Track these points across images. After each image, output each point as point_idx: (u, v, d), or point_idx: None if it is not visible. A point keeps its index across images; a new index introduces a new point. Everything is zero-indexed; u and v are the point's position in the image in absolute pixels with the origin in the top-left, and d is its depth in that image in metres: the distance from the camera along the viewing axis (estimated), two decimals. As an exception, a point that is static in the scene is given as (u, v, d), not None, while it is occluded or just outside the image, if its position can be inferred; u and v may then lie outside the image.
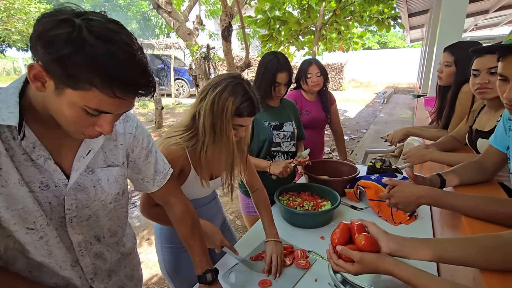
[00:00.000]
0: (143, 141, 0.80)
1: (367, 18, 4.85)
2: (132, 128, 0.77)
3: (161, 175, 0.86)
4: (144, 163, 0.81)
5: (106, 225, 0.78)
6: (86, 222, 0.72)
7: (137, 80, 0.53)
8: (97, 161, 0.71)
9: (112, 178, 0.74)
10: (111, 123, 0.59)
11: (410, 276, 0.56)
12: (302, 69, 1.93)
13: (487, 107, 1.23)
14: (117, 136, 0.75)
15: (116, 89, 0.52)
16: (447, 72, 1.56)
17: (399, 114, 8.19)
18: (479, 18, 7.83)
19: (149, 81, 0.56)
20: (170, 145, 0.97)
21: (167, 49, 11.37)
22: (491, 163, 1.01)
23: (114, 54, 0.50)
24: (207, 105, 0.94)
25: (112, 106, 0.55)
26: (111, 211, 0.77)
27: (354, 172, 1.62)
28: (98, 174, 0.71)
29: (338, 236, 0.68)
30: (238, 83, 0.95)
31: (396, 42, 21.81)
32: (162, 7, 4.75)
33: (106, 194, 0.72)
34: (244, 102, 0.94)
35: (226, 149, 0.99)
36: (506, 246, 0.58)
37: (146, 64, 0.55)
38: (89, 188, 0.69)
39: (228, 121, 0.94)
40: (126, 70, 0.51)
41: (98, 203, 0.72)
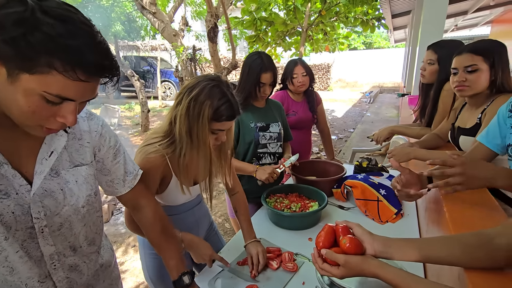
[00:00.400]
0: (110, 140, 0.76)
1: (352, 19, 4.92)
2: (97, 126, 0.73)
3: (131, 176, 0.82)
4: (112, 163, 0.78)
5: (82, 233, 0.73)
6: (59, 232, 0.67)
7: (101, 61, 0.50)
8: (62, 162, 0.66)
9: (81, 178, 0.69)
10: (74, 112, 0.54)
11: (395, 278, 0.55)
12: (288, 70, 1.92)
13: (468, 105, 1.25)
14: (82, 134, 0.71)
15: (79, 71, 0.48)
16: (430, 70, 1.58)
17: (385, 113, 8.34)
18: (459, 18, 8.08)
19: (113, 64, 0.53)
20: (149, 153, 0.92)
21: (153, 51, 11.21)
22: None
23: (74, 33, 0.47)
24: (182, 109, 0.89)
25: (76, 92, 0.51)
26: (85, 216, 0.72)
27: (341, 171, 1.62)
28: (64, 176, 0.66)
29: (323, 239, 0.67)
30: (215, 86, 0.90)
31: (381, 42, 22.27)
32: (147, 8, 4.67)
33: (76, 197, 0.68)
34: (222, 105, 0.88)
35: (203, 155, 0.94)
36: (490, 243, 0.58)
37: (108, 47, 0.52)
38: (56, 192, 0.64)
39: (205, 126, 0.89)
40: (89, 50, 0.48)
41: (69, 208, 0.67)
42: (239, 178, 1.58)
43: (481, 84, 1.12)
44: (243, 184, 1.57)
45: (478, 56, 1.10)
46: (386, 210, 1.36)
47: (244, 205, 1.21)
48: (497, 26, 8.89)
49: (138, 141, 5.87)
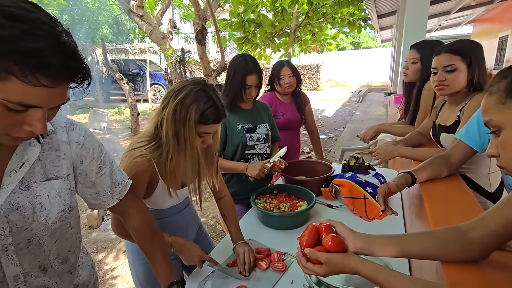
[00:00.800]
0: (94, 151, 0.72)
1: (339, 19, 4.99)
2: (79, 136, 0.69)
3: (120, 187, 0.79)
4: (97, 175, 0.73)
5: (53, 250, 0.67)
6: (27, 250, 0.61)
7: (66, 63, 0.46)
8: (34, 174, 0.61)
9: (54, 192, 0.64)
10: (42, 119, 0.49)
11: (374, 274, 0.56)
12: (275, 71, 1.95)
13: (447, 103, 1.29)
14: (59, 145, 0.66)
15: (40, 75, 0.44)
16: (413, 69, 1.62)
17: (374, 111, 8.47)
18: (443, 18, 8.29)
19: (81, 65, 0.48)
20: (135, 158, 0.92)
21: (142, 53, 11.08)
22: (457, 157, 1.05)
23: (32, 34, 0.43)
24: (169, 113, 0.90)
25: (40, 98, 0.46)
26: (56, 232, 0.66)
27: (330, 171, 1.65)
28: (35, 189, 0.61)
29: (307, 239, 0.68)
30: (201, 89, 0.91)
31: (368, 42, 22.62)
32: (134, 11, 4.63)
33: (47, 212, 0.63)
34: (208, 109, 0.90)
35: (191, 158, 0.95)
36: (464, 237, 0.60)
37: (75, 48, 0.48)
38: (24, 207, 0.59)
39: (192, 129, 0.90)
40: (51, 52, 0.44)
41: (38, 223, 0.62)
42: (228, 180, 1.60)
43: (460, 83, 1.16)
44: (232, 185, 1.59)
45: (456, 56, 1.14)
46: (372, 207, 1.39)
47: (232, 209, 1.22)
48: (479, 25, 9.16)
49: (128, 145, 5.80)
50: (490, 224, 0.58)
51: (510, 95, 0.49)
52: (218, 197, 1.23)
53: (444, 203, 0.89)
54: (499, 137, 0.51)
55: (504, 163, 0.51)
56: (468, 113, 1.11)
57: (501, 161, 0.51)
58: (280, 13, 4.78)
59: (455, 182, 1.04)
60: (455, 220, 0.77)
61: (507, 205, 0.58)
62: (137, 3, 4.49)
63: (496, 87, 0.52)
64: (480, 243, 0.58)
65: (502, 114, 0.50)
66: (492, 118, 0.52)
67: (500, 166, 0.52)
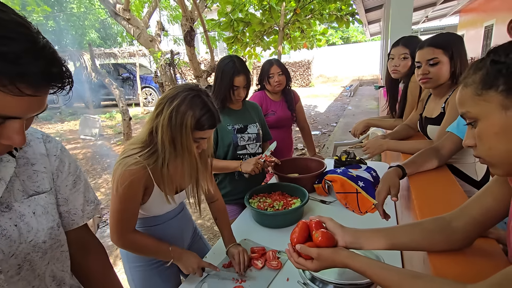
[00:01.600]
0: (70, 165, 0.68)
1: (327, 15, 5.01)
2: (56, 149, 0.65)
3: (93, 205, 0.74)
4: (71, 191, 0.68)
5: (47, 272, 0.62)
6: (19, 276, 0.56)
7: (48, 68, 0.42)
8: (13, 192, 0.56)
9: (40, 209, 0.59)
10: (21, 131, 0.46)
11: (364, 267, 0.58)
12: (264, 70, 1.95)
13: (432, 95, 1.32)
14: (37, 158, 0.61)
15: (21, 84, 0.40)
16: (405, 65, 1.62)
17: (365, 105, 8.55)
18: (429, 10, 8.39)
19: (62, 70, 0.45)
20: (130, 165, 0.91)
21: (131, 57, 10.99)
22: (448, 149, 1.07)
23: (7, 38, 0.39)
24: (164, 120, 0.90)
25: (20, 108, 0.43)
26: (47, 252, 0.61)
27: (322, 167, 1.66)
28: (18, 209, 0.56)
29: (297, 235, 0.69)
30: (196, 96, 0.92)
31: (357, 36, 22.76)
32: (120, 14, 4.58)
33: (35, 231, 0.57)
34: (204, 115, 0.91)
35: (189, 163, 0.96)
36: (448, 227, 0.62)
37: (54, 51, 0.44)
38: (8, 229, 0.54)
39: (189, 135, 0.91)
40: (30, 58, 0.40)
41: (26, 245, 0.56)
42: (221, 180, 1.60)
43: (443, 75, 1.18)
44: (225, 186, 1.60)
45: (438, 50, 1.16)
46: (365, 201, 1.41)
47: (224, 212, 1.24)
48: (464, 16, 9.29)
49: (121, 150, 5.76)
50: (472, 212, 0.60)
51: (486, 86, 0.50)
52: (210, 200, 1.24)
53: (430, 194, 0.91)
54: (475, 128, 0.53)
55: (481, 153, 0.52)
56: (453, 105, 1.14)
57: (478, 151, 0.53)
58: (268, 11, 4.78)
59: (441, 173, 1.06)
60: (441, 211, 0.79)
61: (486, 194, 0.60)
62: (123, 6, 4.45)
63: (471, 79, 0.52)
64: (463, 232, 0.60)
65: (478, 106, 0.51)
66: (468, 110, 0.53)
67: (476, 156, 0.53)
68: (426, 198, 0.88)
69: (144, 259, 1.11)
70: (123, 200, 0.92)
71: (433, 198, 0.88)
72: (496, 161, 0.51)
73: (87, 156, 5.51)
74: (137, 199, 0.96)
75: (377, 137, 1.51)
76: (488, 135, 0.50)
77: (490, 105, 0.49)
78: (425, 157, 1.08)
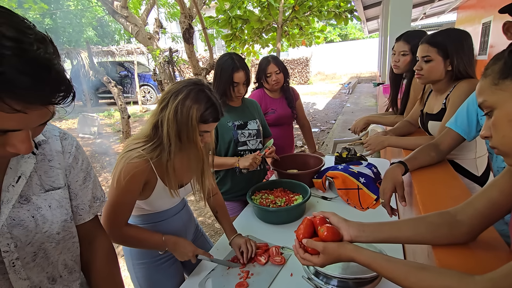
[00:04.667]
0: (83, 162, 0.71)
1: (325, 12, 5.00)
2: (71, 147, 0.69)
3: (99, 202, 0.77)
4: (81, 187, 0.71)
5: (60, 261, 0.67)
6: (34, 263, 0.60)
7: (37, 86, 0.41)
8: (32, 187, 0.60)
9: (55, 203, 0.63)
10: (25, 140, 0.46)
11: (369, 260, 0.59)
12: (261, 68, 1.94)
13: (433, 91, 1.32)
14: (53, 155, 0.64)
15: (11, 101, 0.39)
16: (404, 61, 1.63)
17: (364, 102, 8.56)
18: (427, 7, 8.38)
19: (58, 83, 0.43)
20: (132, 159, 0.92)
21: (129, 55, 10.91)
22: (447, 145, 1.08)
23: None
24: (170, 114, 0.92)
25: (17, 122, 0.43)
26: (60, 243, 0.66)
27: (320, 163, 1.68)
28: (35, 202, 0.60)
29: (303, 232, 0.70)
30: (200, 90, 0.94)
31: (355, 33, 22.74)
32: (118, 12, 4.55)
33: (50, 223, 0.62)
34: (208, 108, 0.93)
35: (195, 155, 0.98)
36: (453, 220, 0.63)
37: (48, 62, 0.42)
38: (26, 220, 0.58)
39: (195, 128, 0.93)
40: (16, 74, 0.39)
41: (41, 235, 0.61)
42: (222, 177, 1.61)
43: (435, 73, 1.19)
44: (227, 182, 1.60)
45: (433, 48, 1.17)
46: (366, 197, 1.42)
47: (223, 205, 1.26)
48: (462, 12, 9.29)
49: (120, 148, 5.74)
50: (477, 206, 0.60)
51: (503, 76, 0.51)
52: (209, 195, 1.24)
53: (433, 189, 0.92)
54: (491, 118, 0.53)
55: (496, 143, 0.53)
56: (453, 100, 1.14)
57: (493, 141, 0.53)
58: (267, 8, 4.77)
59: (443, 168, 1.07)
60: (444, 205, 0.80)
61: (492, 188, 0.60)
62: (121, 3, 4.42)
63: (490, 69, 0.53)
64: (468, 225, 0.61)
65: (494, 95, 0.52)
66: (485, 99, 0.53)
67: (492, 147, 0.54)
68: (429, 193, 0.89)
69: (148, 256, 1.11)
70: (122, 193, 0.92)
71: (435, 193, 0.89)
72: (509, 150, 0.51)
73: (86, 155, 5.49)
74: (135, 193, 0.97)
75: (378, 133, 1.51)
76: (502, 123, 0.51)
77: (505, 93, 0.50)
78: (425, 153, 1.09)
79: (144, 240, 1.02)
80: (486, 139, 0.56)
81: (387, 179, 1.01)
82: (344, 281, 0.82)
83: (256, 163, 1.44)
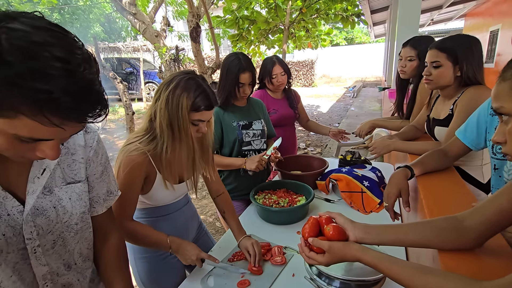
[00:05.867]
0: (102, 157, 0.74)
1: (332, 15, 5.01)
2: (93, 141, 0.71)
3: (112, 196, 0.79)
4: (97, 180, 0.74)
5: (76, 249, 0.71)
6: (53, 250, 0.65)
7: (78, 105, 0.44)
8: (55, 179, 0.64)
9: (75, 196, 0.67)
10: (55, 148, 0.50)
11: (375, 261, 0.59)
12: (266, 69, 1.91)
13: (441, 97, 1.32)
14: (76, 149, 0.68)
15: (51, 117, 0.42)
16: (411, 66, 1.63)
17: (368, 107, 8.54)
18: (435, 13, 8.35)
19: (96, 103, 0.46)
20: (130, 152, 0.93)
21: (135, 52, 10.97)
22: (455, 153, 1.07)
23: (40, 73, 0.40)
24: (161, 104, 0.93)
25: (51, 134, 0.46)
26: (78, 233, 0.70)
27: (324, 165, 1.67)
28: (57, 193, 0.64)
29: (308, 231, 0.70)
30: (190, 78, 0.94)
31: (362, 37, 22.70)
32: (126, 8, 4.58)
33: (69, 214, 0.66)
34: (198, 96, 0.93)
35: (186, 145, 0.98)
36: (460, 226, 0.63)
37: (91, 82, 0.45)
38: (48, 210, 0.62)
39: (185, 117, 0.93)
40: (61, 93, 0.41)
41: (61, 225, 0.65)
42: (226, 176, 1.61)
43: (444, 79, 1.19)
44: (231, 182, 1.61)
45: (442, 53, 1.17)
46: (370, 200, 1.42)
47: (231, 205, 1.24)
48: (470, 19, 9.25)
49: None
50: (486, 212, 0.60)
51: None
52: (216, 194, 1.25)
53: (439, 195, 0.91)
54: (507, 125, 0.50)
55: (510, 151, 0.51)
56: (461, 107, 1.14)
57: (507, 148, 0.51)
58: (274, 9, 4.78)
59: (449, 174, 1.07)
60: (451, 211, 0.80)
61: (502, 195, 0.60)
62: (130, 0, 4.44)
63: (510, 73, 0.49)
64: (475, 231, 0.61)
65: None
66: (502, 105, 0.50)
67: (505, 153, 0.52)
68: (435, 198, 0.88)
69: (151, 250, 1.11)
70: (122, 186, 0.93)
71: (441, 198, 0.89)
72: None
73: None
74: (137, 186, 0.97)
75: (384, 137, 1.51)
76: None
77: None
78: (433, 159, 1.08)
79: (148, 236, 1.01)
80: (498, 145, 0.54)
81: (392, 184, 1.00)
82: (347, 283, 0.82)
83: (262, 165, 1.44)
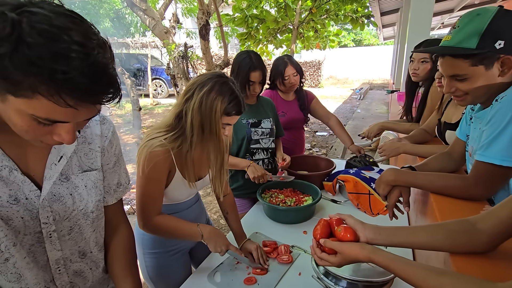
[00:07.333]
0: (116, 148, 0.76)
1: (342, 16, 4.98)
2: (108, 131, 0.73)
3: (122, 188, 0.80)
4: (110, 170, 0.75)
5: (92, 238, 0.72)
6: (69, 236, 0.66)
7: (92, 87, 0.45)
8: (72, 167, 0.66)
9: (90, 183, 0.69)
10: (70, 131, 0.51)
11: (387, 262, 0.59)
12: (278, 70, 1.85)
13: (453, 101, 1.31)
14: (93, 138, 0.70)
15: (66, 97, 0.44)
16: (424, 68, 1.60)
17: (375, 109, 8.48)
18: (445, 16, 8.27)
19: (109, 86, 0.48)
20: (155, 147, 0.93)
21: (143, 48, 11.04)
22: (458, 153, 1.07)
23: (59, 55, 0.42)
24: (194, 104, 0.93)
25: (67, 115, 0.48)
26: (94, 221, 0.71)
27: (331, 166, 1.67)
28: (74, 181, 0.66)
29: (320, 232, 0.71)
30: (225, 83, 0.96)
31: (370, 39, 22.54)
32: (137, 4, 4.62)
33: (85, 202, 0.67)
34: (232, 101, 0.95)
35: (215, 148, 0.99)
36: (473, 229, 0.62)
37: (105, 66, 0.47)
38: (65, 197, 0.64)
39: (218, 120, 0.94)
40: (77, 75, 0.43)
41: (78, 212, 0.67)
42: (234, 174, 1.62)
43: None
44: (238, 179, 1.61)
45: None
46: (377, 202, 1.42)
47: (234, 206, 1.24)
48: (482, 24, 9.12)
49: (130, 139, 5.82)
50: (500, 214, 0.59)
51: None
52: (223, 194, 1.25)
53: (450, 198, 0.91)
54: None
55: None
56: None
57: None
58: (284, 9, 4.77)
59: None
60: (462, 214, 0.80)
61: None
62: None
63: None
64: (489, 234, 0.60)
65: None
66: None
67: None
68: (446, 201, 0.88)
69: (160, 246, 1.12)
70: (148, 182, 0.94)
71: (453, 202, 0.88)
72: None
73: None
74: (161, 181, 0.98)
75: (393, 140, 1.50)
76: None
77: None
78: (437, 160, 1.08)
79: (179, 229, 1.01)
80: None
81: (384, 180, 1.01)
82: (354, 283, 0.81)
83: (259, 182, 1.44)
